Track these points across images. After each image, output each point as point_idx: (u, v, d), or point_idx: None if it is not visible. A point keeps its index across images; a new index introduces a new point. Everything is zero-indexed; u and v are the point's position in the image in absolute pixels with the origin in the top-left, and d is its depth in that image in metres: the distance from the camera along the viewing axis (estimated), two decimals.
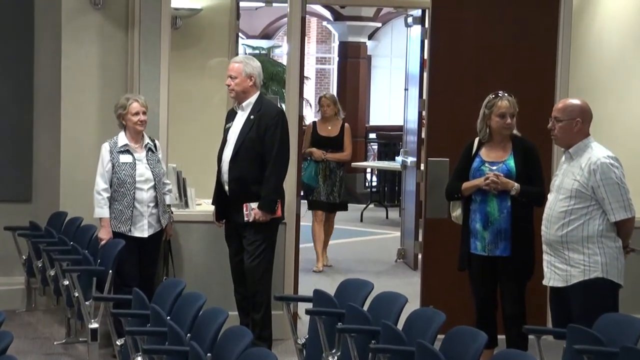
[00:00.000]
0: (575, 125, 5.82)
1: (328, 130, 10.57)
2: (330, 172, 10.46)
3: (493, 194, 6.36)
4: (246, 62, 7.07)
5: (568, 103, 5.96)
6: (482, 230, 6.41)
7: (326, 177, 10.44)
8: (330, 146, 10.48)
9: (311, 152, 10.45)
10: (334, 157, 10.49)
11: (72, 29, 8.10)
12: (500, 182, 6.31)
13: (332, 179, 10.45)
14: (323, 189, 10.42)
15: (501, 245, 6.37)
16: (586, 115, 5.87)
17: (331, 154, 10.47)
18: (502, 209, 6.36)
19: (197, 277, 7.54)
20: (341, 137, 10.53)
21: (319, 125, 10.68)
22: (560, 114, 5.88)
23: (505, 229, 6.35)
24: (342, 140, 10.53)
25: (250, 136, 6.95)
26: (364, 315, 5.47)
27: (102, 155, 7.21)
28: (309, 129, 10.65)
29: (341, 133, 10.55)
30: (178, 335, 5.05)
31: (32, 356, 7.19)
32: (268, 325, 7.03)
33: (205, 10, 8.42)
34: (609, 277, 5.75)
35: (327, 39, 25.14)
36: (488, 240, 6.39)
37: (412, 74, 10.98)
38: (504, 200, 6.35)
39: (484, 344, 4.76)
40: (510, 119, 6.39)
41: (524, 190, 6.32)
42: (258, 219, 6.90)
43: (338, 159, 10.52)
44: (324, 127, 10.62)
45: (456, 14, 7.86)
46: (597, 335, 5.09)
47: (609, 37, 8.18)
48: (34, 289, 8.45)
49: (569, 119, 5.84)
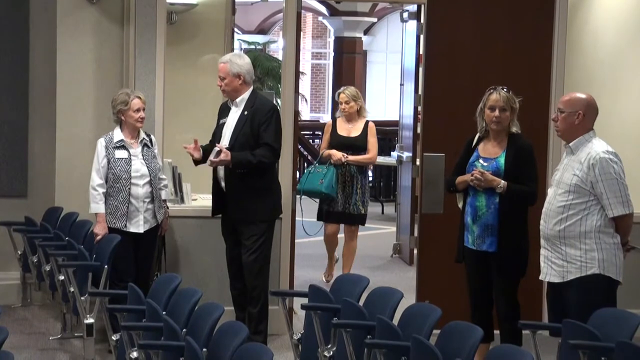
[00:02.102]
0: (577, 118, 5.81)
1: (349, 129, 9.30)
2: (351, 177, 9.17)
3: (482, 189, 6.37)
4: (232, 61, 7.01)
5: (574, 95, 5.95)
6: (472, 224, 6.42)
7: (345, 183, 9.16)
8: (350, 149, 9.20)
9: (330, 154, 9.17)
10: (355, 159, 9.17)
11: (67, 24, 8.09)
12: (484, 179, 6.30)
13: (353, 186, 9.16)
14: (341, 197, 9.14)
15: (488, 240, 6.36)
16: (590, 109, 5.85)
17: (352, 157, 9.16)
18: (489, 205, 6.35)
19: (192, 272, 7.55)
20: (364, 138, 9.24)
21: (339, 125, 9.35)
22: (564, 105, 5.88)
23: (492, 224, 6.34)
24: (365, 141, 9.24)
25: (244, 132, 6.95)
26: (360, 310, 5.48)
27: (98, 150, 7.20)
28: (328, 128, 9.44)
29: (364, 133, 9.26)
30: (174, 330, 5.05)
31: (27, 351, 7.18)
32: (264, 320, 7.04)
33: (201, 6, 8.41)
34: (606, 273, 5.74)
35: (322, 34, 25.16)
36: (476, 234, 6.40)
37: (407, 69, 10.97)
38: (492, 195, 6.34)
39: (480, 339, 4.77)
40: (500, 113, 6.33)
41: (511, 189, 6.29)
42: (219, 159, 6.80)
43: (359, 161, 9.22)
44: (344, 127, 9.32)
45: (452, 9, 7.86)
46: (592, 331, 5.10)
47: (604, 32, 8.19)
48: (30, 284, 8.44)
49: (571, 111, 5.82)
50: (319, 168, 9.16)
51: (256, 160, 6.86)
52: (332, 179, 9.00)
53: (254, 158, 6.86)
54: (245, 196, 6.94)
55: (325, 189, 8.98)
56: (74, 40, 8.10)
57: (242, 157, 6.85)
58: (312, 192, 9.15)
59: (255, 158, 6.86)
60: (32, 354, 7.15)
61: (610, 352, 4.85)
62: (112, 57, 8.09)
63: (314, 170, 9.18)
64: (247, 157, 6.86)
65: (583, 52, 8.07)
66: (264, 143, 6.90)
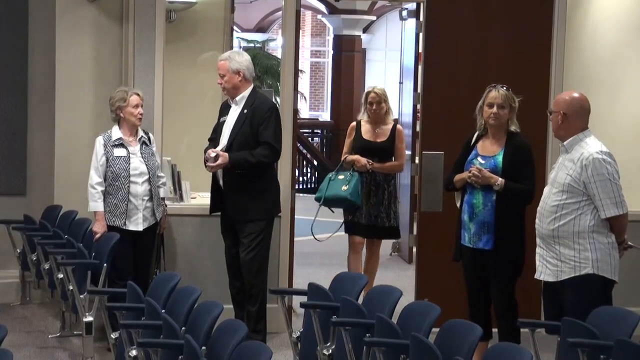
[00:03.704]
0: (560, 118, 5.81)
1: (375, 134, 8.32)
2: (377, 187, 8.22)
3: (480, 187, 6.37)
4: (231, 58, 7.02)
5: (559, 95, 6.02)
6: (468, 221, 6.43)
7: (370, 193, 8.21)
8: (376, 155, 8.24)
9: (353, 160, 8.20)
10: (381, 167, 8.21)
11: (66, 22, 8.09)
12: (481, 176, 6.30)
13: (378, 197, 8.21)
14: (365, 208, 8.18)
15: (484, 237, 6.36)
16: (574, 109, 5.81)
17: (378, 164, 8.21)
18: (486, 202, 6.35)
19: (191, 271, 7.55)
20: (391, 143, 8.29)
21: (364, 127, 8.35)
22: (552, 105, 5.94)
23: (488, 222, 6.34)
24: (393, 147, 8.30)
25: (244, 130, 6.94)
26: (359, 308, 5.48)
27: (96, 149, 7.20)
28: (352, 131, 8.40)
29: (391, 138, 8.29)
30: (173, 328, 5.05)
31: (26, 349, 7.18)
32: (263, 318, 7.04)
33: (200, 4, 8.41)
34: (600, 273, 5.72)
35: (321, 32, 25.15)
36: (473, 231, 6.40)
37: (406, 68, 10.98)
38: (489, 193, 6.34)
39: (479, 337, 4.77)
40: (498, 110, 6.33)
41: (508, 187, 6.29)
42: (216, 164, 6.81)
43: (386, 169, 8.27)
44: (369, 130, 8.33)
45: (451, 7, 7.87)
46: (591, 329, 5.10)
47: (603, 31, 8.19)
48: (29, 283, 8.45)
49: (556, 111, 5.85)
50: (340, 174, 8.20)
51: (255, 159, 6.86)
52: (357, 186, 8.07)
53: (252, 157, 6.85)
54: (244, 194, 6.94)
55: (350, 195, 8.01)
56: (73, 38, 8.10)
57: (240, 158, 6.85)
58: (336, 199, 8.12)
59: (254, 157, 6.85)
60: (31, 352, 7.15)
61: (609, 350, 4.85)
62: (111, 55, 8.09)
63: (334, 178, 8.20)
64: (246, 156, 6.85)
65: (582, 50, 8.07)
66: (263, 142, 6.90)
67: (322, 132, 18.85)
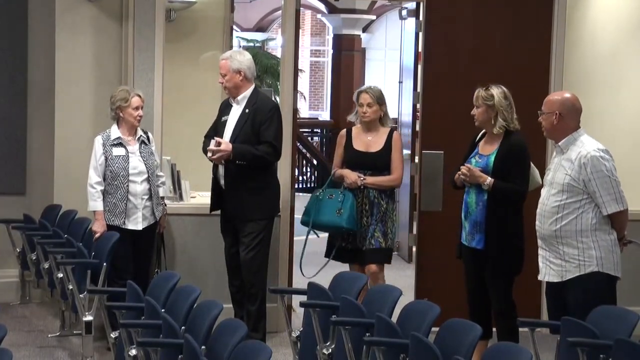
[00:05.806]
0: (555, 118, 5.82)
1: (367, 143, 7.17)
2: (371, 205, 7.06)
3: (473, 186, 6.37)
4: (232, 57, 7.02)
5: (550, 96, 6.02)
6: (464, 220, 6.44)
7: (364, 212, 7.08)
8: (369, 167, 7.12)
9: (342, 175, 7.13)
10: (375, 182, 7.05)
11: (66, 21, 8.09)
12: (470, 175, 6.30)
13: (374, 216, 7.06)
14: (359, 230, 7.07)
15: (477, 237, 6.36)
16: (568, 109, 5.83)
17: (371, 178, 7.07)
18: (478, 201, 6.35)
19: (191, 270, 7.55)
20: (386, 153, 7.12)
21: (355, 135, 7.21)
22: (543, 106, 5.93)
23: (480, 221, 6.34)
24: (388, 158, 7.13)
25: (245, 130, 6.95)
26: (359, 307, 5.48)
27: (95, 148, 7.20)
28: (341, 140, 7.27)
29: (387, 147, 7.13)
30: (172, 328, 5.05)
31: (26, 349, 7.18)
32: (263, 317, 7.04)
33: (200, 3, 8.41)
34: (604, 270, 5.74)
35: (321, 32, 25.15)
36: (467, 230, 6.41)
37: (406, 67, 10.98)
38: (481, 192, 6.34)
39: (479, 336, 4.77)
40: (475, 110, 6.38)
41: (497, 187, 6.27)
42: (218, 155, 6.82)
43: (380, 184, 7.08)
44: (362, 138, 7.19)
45: (450, 7, 7.87)
46: (591, 328, 5.10)
47: (603, 29, 8.18)
48: (28, 282, 8.45)
49: (549, 112, 5.86)
50: (329, 193, 7.10)
51: (259, 153, 6.86)
52: (352, 208, 6.95)
53: (256, 151, 6.86)
54: (244, 194, 6.95)
55: (346, 222, 6.94)
56: (72, 37, 8.10)
57: (243, 149, 6.85)
58: (328, 226, 7.11)
59: (258, 151, 6.86)
60: (31, 352, 7.15)
61: (609, 349, 4.85)
62: (111, 54, 8.08)
63: (322, 196, 7.11)
64: (250, 149, 6.86)
65: (582, 48, 8.07)
66: (265, 141, 6.90)
67: (321, 131, 18.84)
